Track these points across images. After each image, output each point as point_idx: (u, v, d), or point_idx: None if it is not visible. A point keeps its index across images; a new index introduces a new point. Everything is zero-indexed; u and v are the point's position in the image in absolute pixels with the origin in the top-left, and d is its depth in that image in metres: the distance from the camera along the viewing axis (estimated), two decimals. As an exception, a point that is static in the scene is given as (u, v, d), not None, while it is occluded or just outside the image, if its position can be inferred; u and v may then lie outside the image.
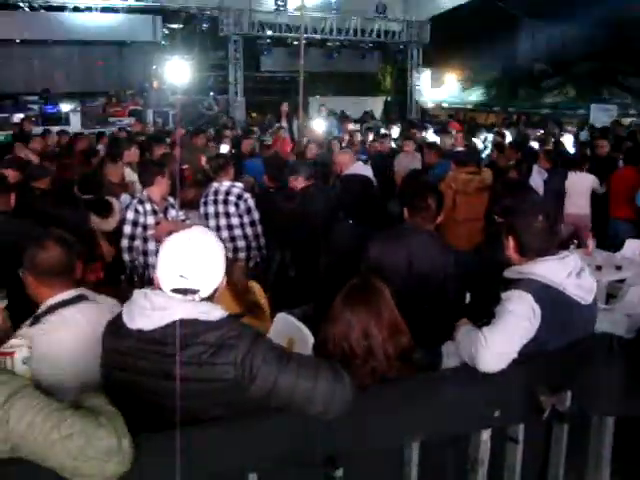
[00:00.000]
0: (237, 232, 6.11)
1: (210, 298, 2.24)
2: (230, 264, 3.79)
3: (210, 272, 2.23)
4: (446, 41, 23.10)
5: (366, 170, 7.37)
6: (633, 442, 2.98)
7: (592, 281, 2.94)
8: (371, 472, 2.43)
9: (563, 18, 23.43)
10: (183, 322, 2.11)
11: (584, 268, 2.91)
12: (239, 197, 6.12)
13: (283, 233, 6.02)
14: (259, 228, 6.17)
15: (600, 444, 2.82)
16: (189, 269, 2.18)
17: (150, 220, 5.73)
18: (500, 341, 2.56)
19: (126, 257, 5.73)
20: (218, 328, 2.15)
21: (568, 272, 2.80)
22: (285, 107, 14.34)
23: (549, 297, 2.73)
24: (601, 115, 16.36)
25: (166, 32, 21.00)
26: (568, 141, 12.65)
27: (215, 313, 2.19)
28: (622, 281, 6.27)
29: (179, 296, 2.18)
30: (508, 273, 2.94)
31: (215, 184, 6.22)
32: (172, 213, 5.93)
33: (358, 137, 11.69)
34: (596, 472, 2.84)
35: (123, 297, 2.42)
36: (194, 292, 2.17)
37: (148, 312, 2.17)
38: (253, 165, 8.89)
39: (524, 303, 2.68)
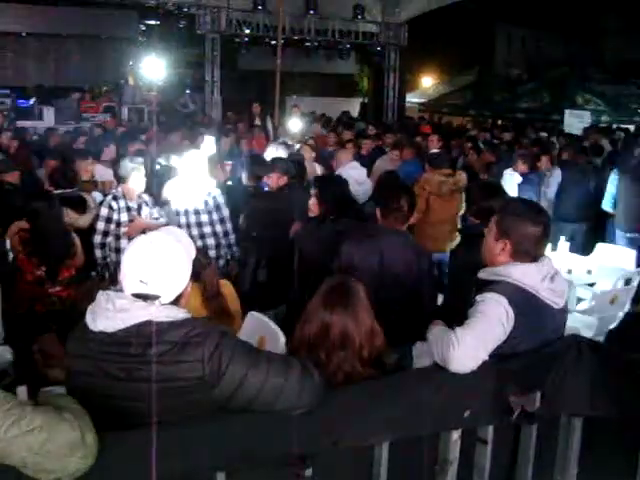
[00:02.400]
0: (206, 229, 6.04)
1: (174, 303, 2.20)
2: (203, 266, 3.78)
3: (171, 278, 2.18)
4: (423, 44, 23.23)
5: (359, 170, 7.42)
6: (600, 443, 3.01)
7: (564, 285, 2.97)
8: (340, 472, 2.43)
9: (539, 24, 23.70)
10: (147, 322, 2.09)
11: (557, 272, 2.93)
12: (208, 194, 6.09)
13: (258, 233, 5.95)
14: (229, 225, 6.13)
15: (568, 445, 2.84)
16: (149, 275, 2.14)
17: (124, 217, 5.70)
18: (472, 342, 2.56)
19: (98, 254, 5.69)
20: (182, 326, 2.12)
21: (543, 276, 2.82)
22: (256, 108, 14.31)
23: (523, 300, 2.75)
24: (574, 121, 16.49)
25: (143, 28, 20.80)
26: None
27: (178, 315, 2.16)
28: (592, 284, 6.35)
29: (141, 300, 2.14)
30: (483, 274, 2.93)
31: None
32: (146, 210, 5.90)
33: (332, 138, 11.62)
34: (564, 472, 2.87)
35: (93, 295, 2.38)
36: (154, 298, 2.13)
37: (110, 314, 2.12)
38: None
39: (498, 306, 2.69)
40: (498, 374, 2.64)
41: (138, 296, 2.14)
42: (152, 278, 2.14)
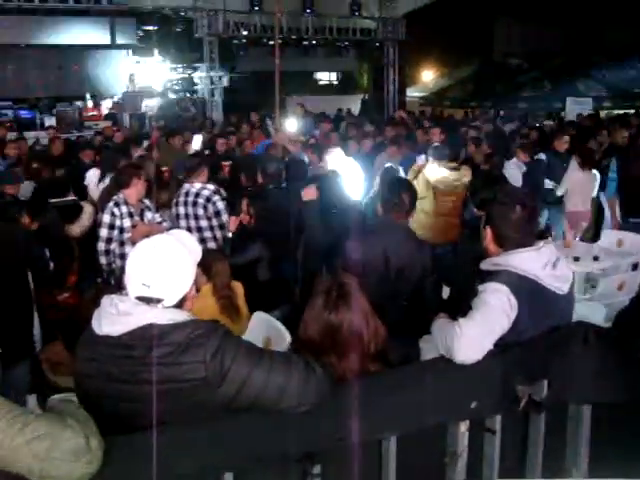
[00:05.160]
0: (207, 234, 6.03)
1: (178, 306, 2.21)
2: (215, 259, 3.88)
3: (174, 281, 2.19)
4: (422, 38, 23.19)
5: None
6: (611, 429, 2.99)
7: (568, 271, 2.96)
8: (349, 468, 2.42)
9: (538, 12, 23.61)
10: (150, 325, 2.10)
11: (560, 258, 2.93)
12: (208, 200, 6.04)
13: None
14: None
15: (577, 432, 2.83)
16: (152, 278, 2.15)
17: (127, 223, 5.69)
18: (475, 333, 2.56)
19: (103, 260, 5.68)
20: (185, 328, 2.12)
21: (544, 263, 2.81)
22: (254, 116, 14.39)
23: (525, 288, 2.74)
24: (576, 108, 16.42)
25: (141, 34, 20.86)
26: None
27: (181, 317, 2.16)
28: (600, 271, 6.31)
29: (144, 303, 2.15)
30: (484, 265, 2.94)
31: (187, 185, 6.16)
32: (148, 215, 5.90)
33: (336, 137, 11.60)
34: (574, 460, 2.85)
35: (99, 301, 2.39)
36: (157, 301, 2.15)
37: (114, 318, 2.14)
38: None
39: (500, 295, 2.68)
40: (504, 363, 2.62)
41: (141, 299, 2.15)
42: (155, 281, 2.15)
